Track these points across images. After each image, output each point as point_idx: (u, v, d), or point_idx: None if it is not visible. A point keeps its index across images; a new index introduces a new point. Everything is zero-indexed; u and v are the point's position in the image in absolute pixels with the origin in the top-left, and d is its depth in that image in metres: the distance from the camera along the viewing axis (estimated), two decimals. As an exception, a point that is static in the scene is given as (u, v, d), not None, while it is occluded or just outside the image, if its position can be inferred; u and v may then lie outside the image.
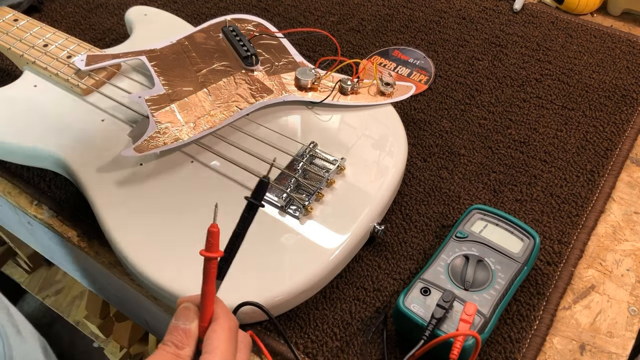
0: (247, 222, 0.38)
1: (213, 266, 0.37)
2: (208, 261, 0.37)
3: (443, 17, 0.84)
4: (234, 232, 0.39)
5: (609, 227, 0.59)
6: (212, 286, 0.37)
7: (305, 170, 0.57)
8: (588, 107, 0.70)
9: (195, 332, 0.37)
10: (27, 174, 0.63)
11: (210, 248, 0.36)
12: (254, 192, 0.38)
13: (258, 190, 0.38)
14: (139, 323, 0.73)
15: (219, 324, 0.37)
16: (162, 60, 0.65)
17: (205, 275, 0.37)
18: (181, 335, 0.36)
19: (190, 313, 0.38)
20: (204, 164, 0.58)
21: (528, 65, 0.76)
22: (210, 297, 0.37)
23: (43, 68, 0.65)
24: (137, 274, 0.51)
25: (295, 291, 0.49)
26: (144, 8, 0.77)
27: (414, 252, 0.56)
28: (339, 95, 0.64)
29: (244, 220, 0.38)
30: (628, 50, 0.78)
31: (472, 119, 0.69)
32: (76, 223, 0.59)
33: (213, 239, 0.36)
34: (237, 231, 0.38)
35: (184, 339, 0.36)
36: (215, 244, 0.36)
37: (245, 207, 0.38)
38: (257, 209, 0.38)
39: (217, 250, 0.36)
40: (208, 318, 0.38)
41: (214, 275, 0.37)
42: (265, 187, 0.38)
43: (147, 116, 0.59)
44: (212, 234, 0.36)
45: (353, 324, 0.51)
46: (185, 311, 0.38)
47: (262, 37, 0.70)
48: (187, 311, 0.38)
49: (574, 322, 0.52)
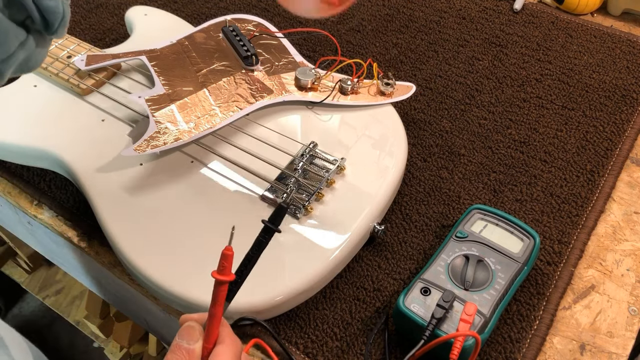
0: (262, 246, 0.37)
1: (223, 289, 0.36)
2: (219, 284, 0.36)
3: (443, 17, 0.84)
4: (247, 255, 0.38)
5: (609, 227, 0.59)
6: (221, 308, 0.36)
7: (305, 170, 0.57)
8: (588, 107, 0.70)
9: (199, 353, 0.36)
10: (27, 174, 0.63)
11: (222, 271, 0.35)
12: (271, 216, 0.37)
13: (276, 215, 0.37)
14: (139, 323, 0.73)
15: (224, 347, 0.36)
16: (162, 60, 0.65)
17: (214, 297, 0.36)
18: (184, 355, 0.36)
19: (195, 333, 0.37)
20: (204, 164, 0.58)
21: (528, 65, 0.76)
22: (217, 319, 0.37)
23: (43, 68, 0.65)
24: (136, 273, 0.51)
25: (295, 291, 0.49)
26: (144, 8, 0.77)
27: (414, 252, 0.56)
28: (339, 95, 0.64)
29: (259, 244, 0.37)
30: (628, 50, 0.78)
31: (472, 119, 0.69)
32: (76, 223, 0.59)
33: (227, 262, 0.35)
34: (250, 254, 0.37)
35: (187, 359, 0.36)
36: (228, 267, 0.35)
37: (261, 231, 0.37)
38: (274, 233, 0.37)
39: (229, 274, 0.36)
40: (213, 340, 0.37)
41: (224, 298, 0.36)
42: (284, 212, 0.37)
43: (147, 116, 0.59)
44: (226, 257, 0.35)
45: (353, 324, 0.51)
46: (190, 330, 0.37)
47: (262, 37, 0.70)
48: (191, 330, 0.37)
49: (574, 322, 0.52)
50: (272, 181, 0.56)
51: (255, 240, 0.38)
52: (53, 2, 0.35)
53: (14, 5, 0.34)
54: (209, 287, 0.48)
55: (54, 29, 0.36)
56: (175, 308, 0.51)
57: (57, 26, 0.36)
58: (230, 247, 0.35)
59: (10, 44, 0.35)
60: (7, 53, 0.35)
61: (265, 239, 0.37)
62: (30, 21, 0.36)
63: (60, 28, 0.36)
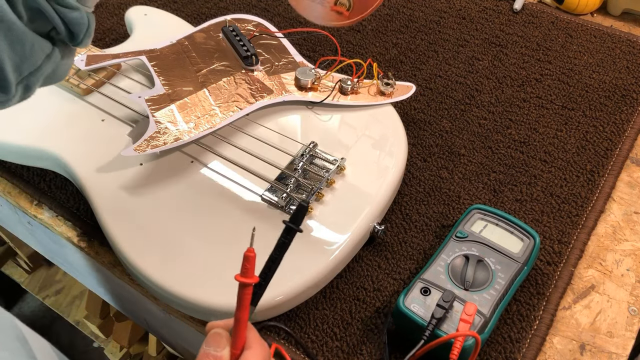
0: (284, 247, 0.37)
1: (248, 292, 0.36)
2: (243, 287, 0.35)
3: (443, 17, 0.84)
4: (270, 257, 0.37)
5: (609, 227, 0.59)
6: (246, 312, 0.36)
7: (305, 170, 0.57)
8: (588, 107, 0.70)
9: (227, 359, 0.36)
10: (27, 174, 0.63)
11: (245, 273, 0.35)
12: (292, 216, 0.37)
13: (297, 215, 0.37)
14: (139, 323, 0.73)
15: (252, 352, 0.36)
16: (162, 60, 0.65)
17: (239, 301, 0.36)
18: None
19: (222, 340, 0.37)
20: (204, 164, 0.58)
21: (528, 65, 0.76)
22: (243, 324, 0.36)
23: (43, 68, 0.65)
24: (136, 273, 0.51)
25: (295, 291, 0.49)
26: (144, 8, 0.77)
27: (414, 252, 0.56)
28: (339, 95, 0.64)
29: (282, 245, 0.37)
30: (628, 50, 0.78)
31: (472, 119, 0.69)
32: (76, 223, 0.59)
33: (249, 264, 0.35)
34: (273, 256, 0.37)
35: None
36: (251, 269, 0.35)
37: (282, 232, 0.37)
38: (295, 233, 0.37)
39: (252, 276, 0.35)
40: (241, 345, 0.37)
41: (248, 301, 0.36)
42: (304, 211, 0.37)
43: (147, 116, 0.59)
44: (249, 259, 0.35)
45: (353, 324, 0.51)
46: (217, 337, 0.37)
47: (262, 37, 0.70)
48: (218, 337, 0.37)
49: (574, 322, 0.52)
50: (272, 181, 0.56)
51: (278, 242, 0.37)
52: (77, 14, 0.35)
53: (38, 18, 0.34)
54: (209, 287, 0.49)
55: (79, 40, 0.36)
56: (175, 308, 0.51)
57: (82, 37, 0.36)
58: (252, 249, 0.35)
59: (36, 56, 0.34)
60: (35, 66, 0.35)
61: (287, 239, 0.37)
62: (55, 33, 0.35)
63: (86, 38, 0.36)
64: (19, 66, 0.33)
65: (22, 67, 0.34)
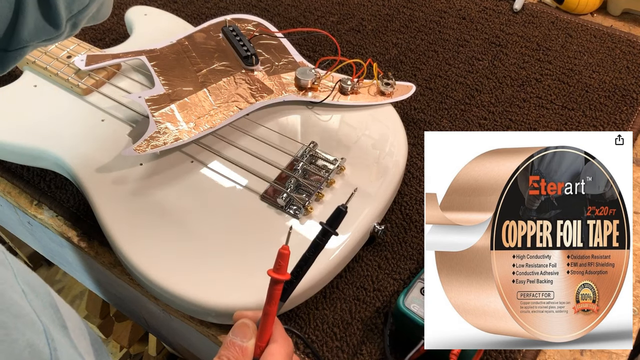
0: (318, 248, 0.38)
1: (279, 288, 0.36)
2: (275, 283, 0.36)
3: (443, 17, 0.84)
4: (304, 256, 0.38)
5: (609, 227, 0.59)
6: (275, 307, 0.37)
7: (306, 170, 0.57)
8: (588, 107, 0.70)
9: (252, 350, 0.37)
10: (27, 174, 0.63)
11: (279, 270, 0.36)
12: (329, 218, 0.38)
13: (334, 218, 0.38)
14: (139, 323, 0.73)
15: (277, 346, 0.37)
16: (162, 60, 0.65)
17: (269, 296, 0.36)
18: (237, 352, 0.36)
19: (249, 331, 0.37)
20: (204, 163, 0.58)
21: (528, 65, 0.76)
22: (271, 318, 0.37)
23: (43, 68, 0.65)
24: (136, 273, 0.51)
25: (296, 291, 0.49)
26: (144, 8, 0.77)
27: (414, 252, 0.56)
28: (339, 95, 0.64)
29: (316, 246, 0.38)
30: (628, 50, 0.78)
31: (472, 119, 0.69)
32: (76, 223, 0.59)
33: (283, 260, 0.35)
34: (307, 255, 0.38)
35: (240, 356, 0.36)
36: (285, 265, 0.36)
37: (318, 233, 0.38)
38: (331, 235, 0.38)
39: (285, 273, 0.36)
40: (266, 339, 0.37)
41: (278, 297, 0.37)
42: (342, 215, 0.38)
43: (147, 116, 0.59)
44: (283, 256, 0.35)
45: (353, 324, 0.51)
46: (244, 328, 0.37)
47: (262, 37, 0.70)
48: (245, 328, 0.37)
49: (574, 322, 0.52)
50: (272, 181, 0.56)
51: (312, 242, 0.38)
52: None
53: None
54: (208, 287, 0.48)
55: None
56: (176, 308, 0.51)
57: None
58: (287, 247, 0.35)
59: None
60: (83, 4, 0.37)
61: (322, 241, 0.38)
62: None
63: None
64: (70, 4, 0.36)
65: (73, 6, 0.36)
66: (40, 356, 0.28)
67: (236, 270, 0.50)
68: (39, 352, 0.28)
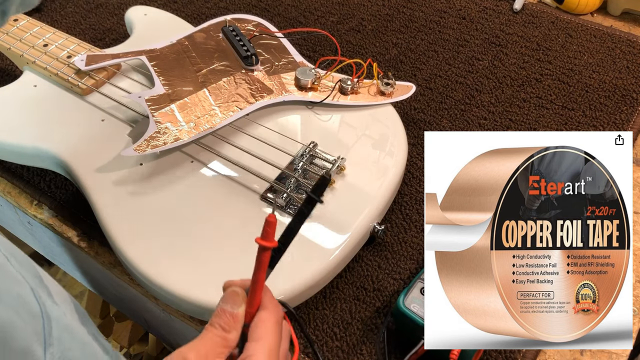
0: (303, 216, 0.38)
1: (267, 255, 0.37)
2: (262, 250, 0.37)
3: (443, 17, 0.84)
4: (289, 226, 0.38)
5: (609, 227, 0.59)
6: (263, 274, 0.37)
7: (305, 170, 0.57)
8: (588, 107, 0.70)
9: (242, 317, 0.37)
10: (27, 174, 0.63)
11: (266, 237, 0.36)
12: (314, 186, 0.38)
13: (318, 186, 0.38)
14: (139, 323, 0.73)
15: (267, 313, 0.37)
16: (162, 60, 0.65)
17: (257, 263, 0.37)
18: (228, 318, 0.37)
19: (239, 298, 0.38)
20: (204, 163, 0.58)
21: (528, 65, 0.76)
22: (260, 285, 0.38)
23: (43, 68, 0.65)
24: (136, 273, 0.51)
25: (295, 291, 0.49)
26: (144, 8, 0.77)
27: (414, 252, 0.56)
28: (339, 95, 0.64)
29: (301, 213, 0.38)
30: (628, 50, 0.78)
31: (472, 119, 0.69)
32: (76, 223, 0.59)
33: (270, 228, 0.36)
34: (292, 225, 0.38)
35: (231, 323, 0.36)
36: (272, 233, 0.36)
37: (303, 201, 0.38)
38: (315, 204, 0.38)
39: (272, 240, 0.36)
40: (256, 305, 0.38)
41: (266, 264, 0.37)
42: (326, 183, 0.38)
43: (147, 116, 0.59)
44: (270, 224, 0.36)
45: (353, 324, 0.51)
46: (234, 295, 0.38)
47: (262, 37, 0.70)
48: (235, 296, 0.38)
49: (574, 322, 0.52)
50: (272, 181, 0.56)
51: (298, 210, 0.38)
52: None
53: None
54: (208, 287, 0.48)
55: None
56: (175, 308, 0.51)
57: None
58: (273, 215, 0.36)
59: None
60: None
61: (307, 209, 0.38)
62: None
63: None
64: None
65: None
66: (30, 307, 0.28)
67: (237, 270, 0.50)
68: (29, 303, 0.28)
